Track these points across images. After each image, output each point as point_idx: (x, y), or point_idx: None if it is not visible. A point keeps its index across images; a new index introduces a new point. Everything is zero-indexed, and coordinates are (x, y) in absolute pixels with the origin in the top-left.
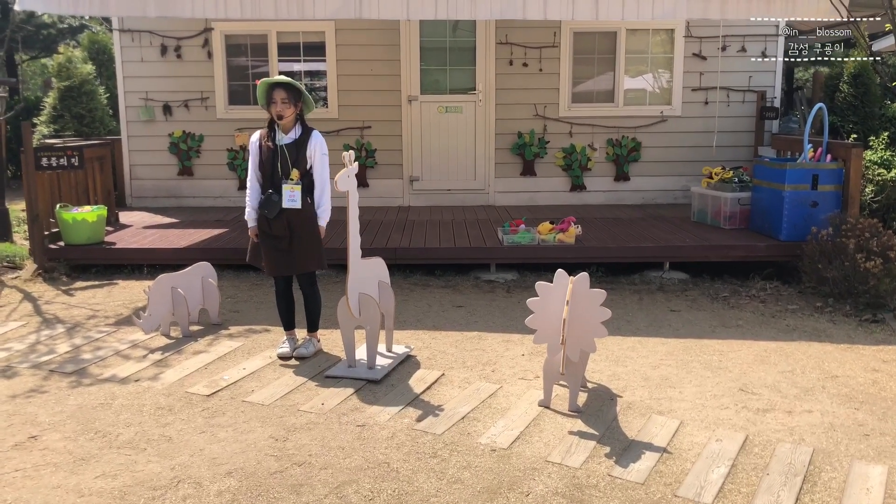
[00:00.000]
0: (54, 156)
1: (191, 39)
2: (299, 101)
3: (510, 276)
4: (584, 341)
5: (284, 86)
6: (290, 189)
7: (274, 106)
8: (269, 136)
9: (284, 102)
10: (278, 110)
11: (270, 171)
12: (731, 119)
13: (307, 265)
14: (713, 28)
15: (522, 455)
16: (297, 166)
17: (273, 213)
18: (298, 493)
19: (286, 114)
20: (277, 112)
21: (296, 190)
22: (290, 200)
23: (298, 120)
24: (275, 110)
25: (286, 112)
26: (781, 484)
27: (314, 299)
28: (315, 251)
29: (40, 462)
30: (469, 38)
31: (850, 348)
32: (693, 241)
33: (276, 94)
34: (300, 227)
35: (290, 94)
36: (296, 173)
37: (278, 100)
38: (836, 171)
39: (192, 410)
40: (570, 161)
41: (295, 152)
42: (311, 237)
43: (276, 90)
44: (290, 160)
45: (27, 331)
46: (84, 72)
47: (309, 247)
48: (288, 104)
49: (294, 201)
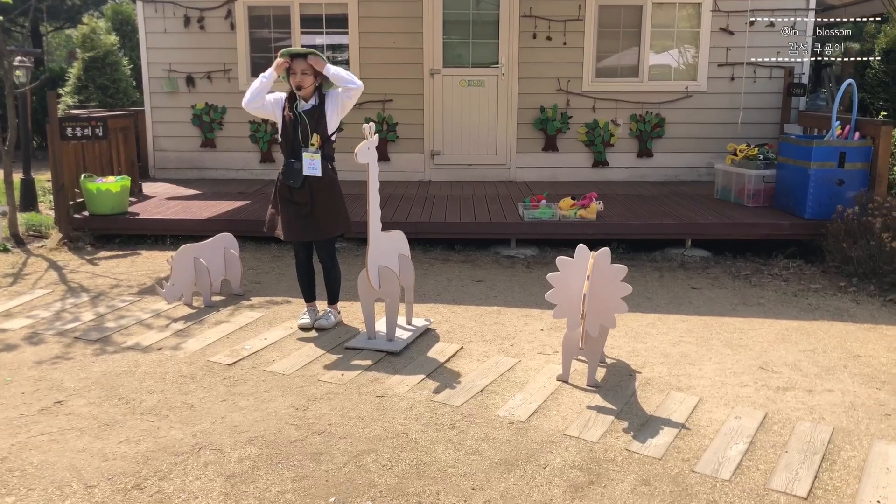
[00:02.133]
0: (79, 126)
1: (214, 11)
2: (319, 74)
3: (530, 252)
4: (604, 316)
5: (306, 57)
6: (310, 157)
7: (294, 77)
8: (290, 105)
9: (305, 73)
10: (298, 80)
11: (292, 137)
12: (757, 95)
13: (331, 230)
14: (741, 2)
15: (540, 428)
16: (318, 131)
17: (298, 182)
18: (318, 461)
19: (305, 83)
20: (297, 82)
21: (315, 158)
22: (310, 168)
23: (317, 90)
24: (294, 80)
25: (305, 82)
26: (800, 462)
27: (334, 272)
28: (338, 215)
29: (66, 426)
30: (492, 10)
31: (873, 328)
32: (716, 218)
33: (296, 64)
34: (322, 192)
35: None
36: (316, 139)
37: (298, 70)
38: (863, 149)
39: (214, 379)
40: (593, 136)
41: (314, 119)
42: (335, 202)
43: (296, 60)
44: (311, 127)
45: (52, 299)
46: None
47: (331, 212)
48: (307, 74)
49: (314, 168)
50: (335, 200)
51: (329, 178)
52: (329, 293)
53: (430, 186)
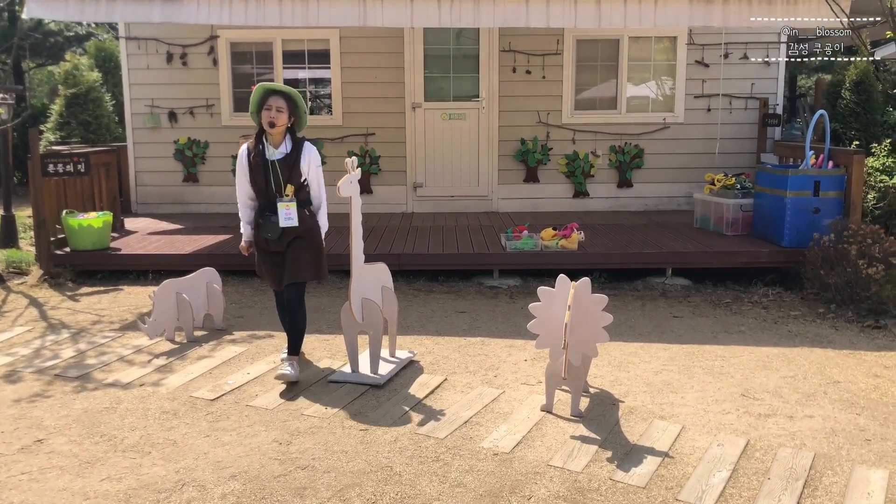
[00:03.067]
0: (61, 162)
1: (196, 47)
2: (294, 115)
3: (513, 282)
4: (586, 346)
5: (283, 94)
6: (285, 207)
7: (267, 112)
8: (256, 151)
9: (280, 111)
10: (271, 117)
11: (264, 187)
12: (733, 126)
13: (301, 273)
14: (715, 35)
15: (525, 459)
16: (292, 181)
17: (276, 235)
18: (302, 496)
19: (278, 122)
20: (270, 119)
21: (291, 207)
22: (286, 219)
23: (289, 132)
24: (267, 117)
25: (279, 120)
26: (782, 488)
27: (300, 316)
28: (311, 259)
29: (46, 465)
30: (472, 45)
31: (851, 354)
32: (695, 247)
33: (272, 100)
34: (299, 239)
35: (288, 102)
36: (290, 189)
37: (273, 106)
38: (837, 178)
39: (197, 414)
40: (573, 168)
41: (287, 168)
42: (309, 245)
43: (272, 96)
44: (283, 176)
45: (32, 336)
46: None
47: (306, 257)
48: (283, 112)
49: (291, 219)
50: (312, 247)
51: (307, 226)
52: (294, 341)
53: (412, 218)
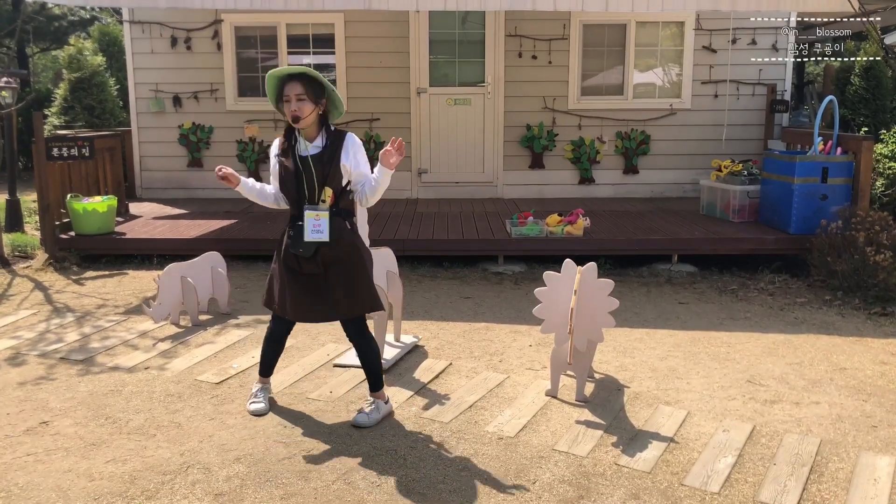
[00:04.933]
0: (65, 146)
1: (201, 31)
2: (322, 98)
3: (518, 269)
4: (591, 331)
5: (300, 77)
6: (313, 217)
7: (287, 104)
8: (287, 148)
9: (301, 99)
10: (293, 109)
11: (295, 192)
12: (740, 112)
13: (352, 308)
14: (723, 21)
15: (529, 444)
16: (330, 184)
17: (309, 251)
18: (306, 478)
19: (303, 113)
20: (292, 112)
21: (322, 217)
22: (314, 231)
23: (323, 124)
24: (288, 110)
25: (303, 111)
26: (788, 474)
27: (369, 349)
28: (360, 289)
29: (51, 447)
30: (478, 30)
31: (858, 341)
32: (702, 233)
33: (288, 88)
34: (338, 262)
35: (308, 87)
36: (328, 193)
37: (292, 96)
38: (846, 165)
39: (202, 398)
40: (579, 154)
41: (324, 166)
42: (356, 272)
43: (288, 83)
44: (319, 176)
45: (37, 319)
46: (95, 63)
47: (352, 285)
48: (305, 101)
49: (319, 232)
50: (356, 270)
51: (347, 243)
52: (370, 377)
53: (417, 204)
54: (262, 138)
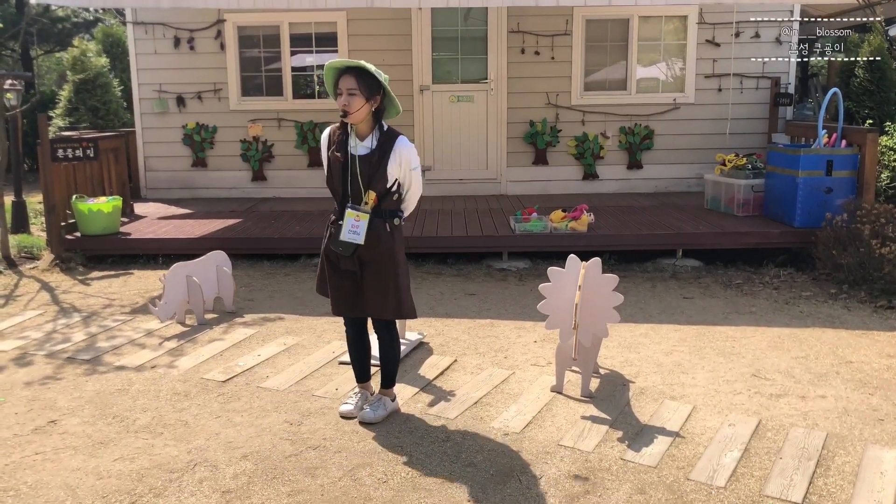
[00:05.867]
0: (70, 147)
1: (203, 31)
2: (377, 95)
3: (522, 265)
4: (596, 326)
5: (354, 71)
6: (353, 217)
7: (339, 97)
8: (339, 141)
9: (352, 93)
10: (342, 103)
11: (341, 189)
12: (744, 106)
13: (381, 311)
14: (726, 14)
15: (535, 439)
16: (374, 187)
17: (348, 251)
18: (313, 475)
19: (353, 108)
20: (342, 106)
21: (361, 219)
22: (350, 232)
23: (376, 122)
24: (339, 102)
25: (353, 105)
26: (794, 468)
27: (391, 345)
28: (392, 293)
29: (60, 445)
30: (481, 26)
31: (864, 334)
32: (706, 228)
33: (342, 81)
34: (373, 263)
35: (361, 82)
36: (371, 196)
37: (344, 89)
38: (850, 157)
39: (208, 396)
40: (583, 149)
41: (370, 168)
42: (387, 276)
43: (343, 76)
44: (364, 178)
45: (44, 320)
46: (98, 65)
47: (384, 288)
48: (356, 95)
49: (356, 233)
50: (388, 277)
51: (384, 248)
52: (383, 374)
53: (421, 201)
54: (265, 137)
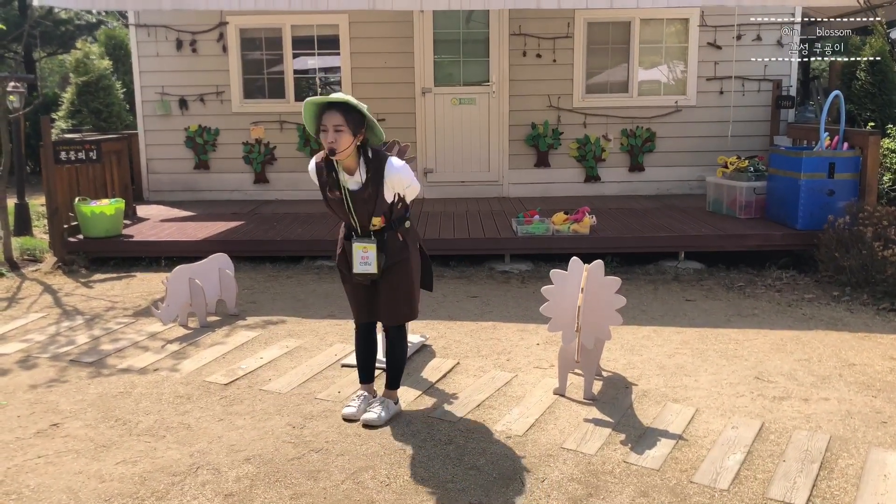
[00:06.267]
0: (73, 149)
1: (206, 34)
2: (362, 128)
3: (525, 267)
4: (599, 329)
5: (339, 107)
6: (361, 249)
7: (325, 135)
8: (328, 175)
9: (339, 130)
10: (329, 141)
11: (345, 217)
12: (746, 108)
13: (393, 316)
14: (728, 17)
15: (538, 442)
16: (376, 213)
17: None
18: (316, 478)
19: (341, 146)
20: (329, 144)
21: (369, 250)
22: (362, 264)
23: (361, 153)
24: (325, 141)
25: (341, 143)
26: (798, 470)
27: (399, 345)
28: (402, 302)
29: (62, 449)
30: (482, 29)
31: (867, 337)
32: (708, 230)
33: (326, 118)
34: (391, 270)
35: (347, 117)
36: (378, 221)
37: (330, 126)
38: (853, 160)
39: (211, 399)
40: (585, 152)
41: (367, 203)
42: (400, 285)
43: (327, 112)
44: (364, 212)
45: (47, 322)
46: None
47: (395, 296)
48: (343, 132)
49: (367, 264)
50: (406, 281)
51: (402, 258)
52: (388, 375)
53: (423, 204)
54: (268, 140)
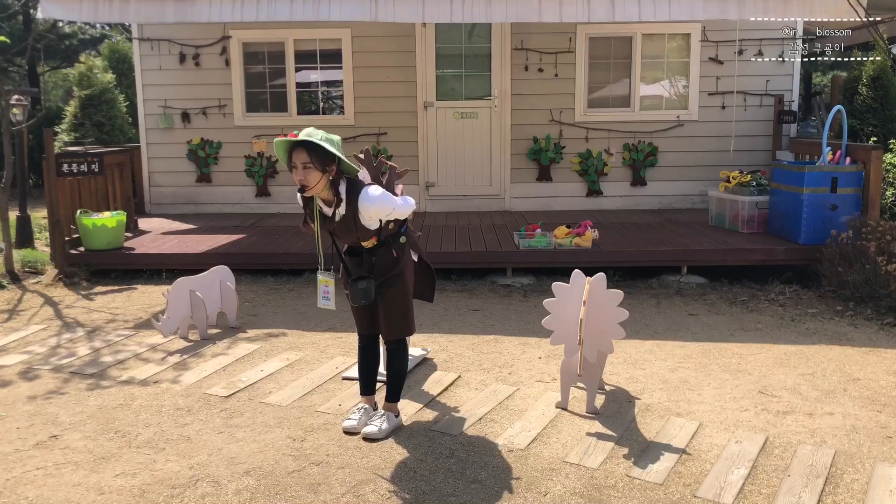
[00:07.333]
0: (75, 162)
1: (209, 47)
2: (332, 164)
3: (526, 281)
4: (601, 342)
5: (305, 145)
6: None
7: (295, 172)
8: (306, 210)
9: (307, 167)
10: (299, 178)
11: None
12: (748, 123)
13: (389, 333)
14: (730, 32)
15: (540, 456)
16: (363, 237)
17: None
18: (316, 491)
19: (310, 182)
20: (299, 181)
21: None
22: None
23: (336, 185)
24: (296, 178)
25: (309, 179)
26: (803, 485)
27: (400, 357)
28: (398, 317)
29: (61, 460)
30: (484, 43)
31: (871, 351)
32: (711, 244)
33: (295, 156)
34: (385, 286)
35: (313, 156)
36: (368, 243)
37: (299, 164)
38: (855, 174)
39: (211, 411)
40: (587, 166)
41: (349, 228)
42: (395, 301)
43: (295, 150)
44: (349, 239)
45: (48, 334)
46: (104, 81)
47: (391, 311)
48: (311, 169)
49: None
50: (403, 296)
51: (395, 273)
52: (390, 385)
53: (425, 217)
54: (270, 153)
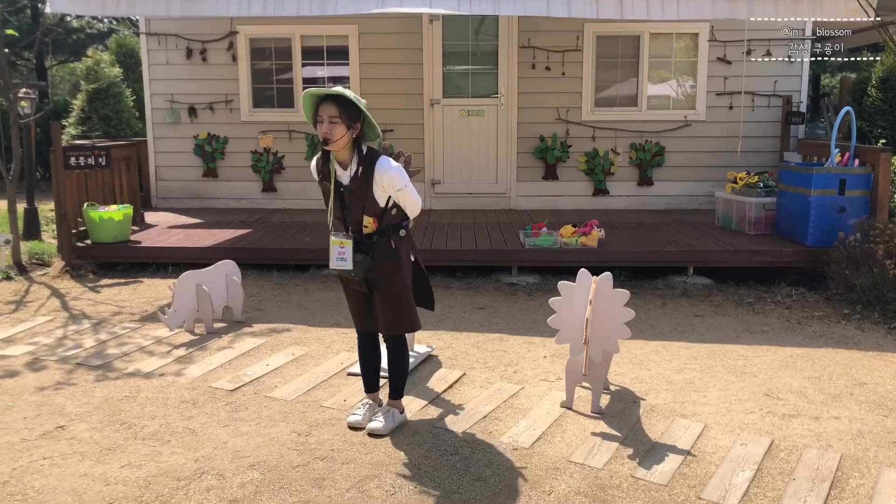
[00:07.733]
0: (82, 155)
1: (216, 42)
2: (357, 122)
3: (532, 280)
4: (607, 341)
5: (335, 99)
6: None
7: (320, 125)
8: (323, 170)
9: (333, 121)
10: (324, 131)
11: (341, 215)
12: (756, 124)
13: (391, 327)
14: (738, 32)
15: (544, 455)
16: (368, 212)
17: (359, 274)
18: (321, 486)
19: (334, 136)
20: (323, 134)
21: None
22: (338, 259)
23: (356, 148)
24: (320, 131)
25: (334, 133)
26: (808, 489)
27: (400, 356)
28: (400, 310)
29: (67, 451)
30: (491, 41)
31: (878, 355)
32: (717, 246)
33: (323, 109)
34: (383, 278)
35: (342, 110)
36: (370, 222)
37: (325, 117)
38: (864, 176)
39: (216, 404)
40: (593, 165)
41: (358, 199)
42: (395, 294)
43: (323, 104)
44: (356, 207)
45: (54, 325)
46: (112, 75)
47: (391, 306)
48: (338, 123)
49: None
50: (396, 294)
51: (390, 266)
52: (393, 384)
53: (430, 215)
54: (276, 149)
